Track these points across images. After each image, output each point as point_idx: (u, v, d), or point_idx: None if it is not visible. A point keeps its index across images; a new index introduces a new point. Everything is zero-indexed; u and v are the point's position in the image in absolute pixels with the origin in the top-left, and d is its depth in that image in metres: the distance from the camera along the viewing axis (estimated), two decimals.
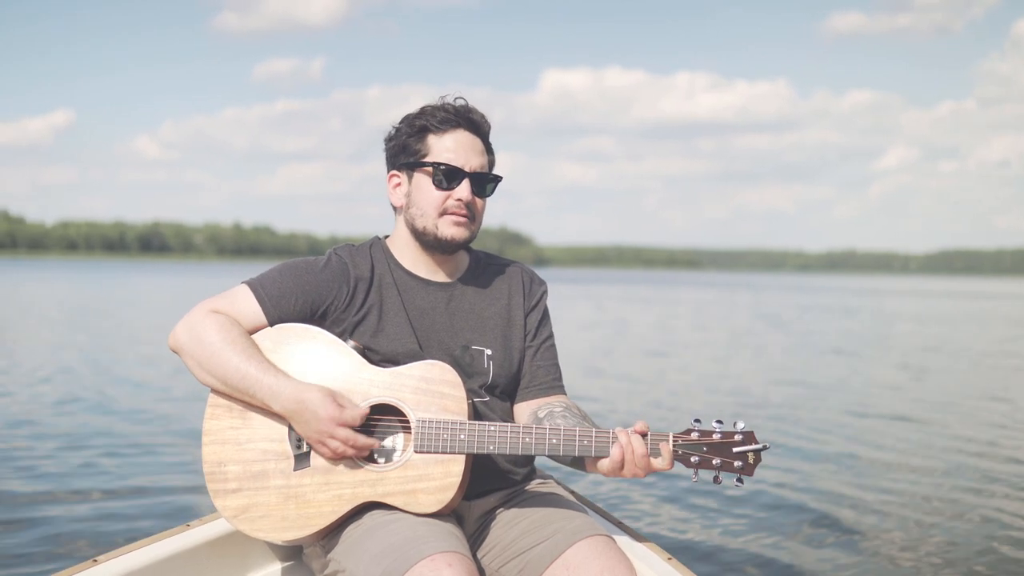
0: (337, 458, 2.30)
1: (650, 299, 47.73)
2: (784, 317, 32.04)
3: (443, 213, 2.43)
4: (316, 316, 2.43)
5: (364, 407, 2.29)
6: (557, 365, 2.62)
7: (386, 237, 2.59)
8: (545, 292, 2.66)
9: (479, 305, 2.55)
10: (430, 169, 2.43)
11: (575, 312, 31.89)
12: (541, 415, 2.47)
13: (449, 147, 2.43)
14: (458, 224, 2.44)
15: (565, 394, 2.60)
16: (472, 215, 2.46)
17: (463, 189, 2.43)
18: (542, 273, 2.70)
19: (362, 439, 2.27)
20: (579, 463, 2.36)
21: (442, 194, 2.42)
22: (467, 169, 2.43)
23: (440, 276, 2.54)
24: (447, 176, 2.42)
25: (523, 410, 2.55)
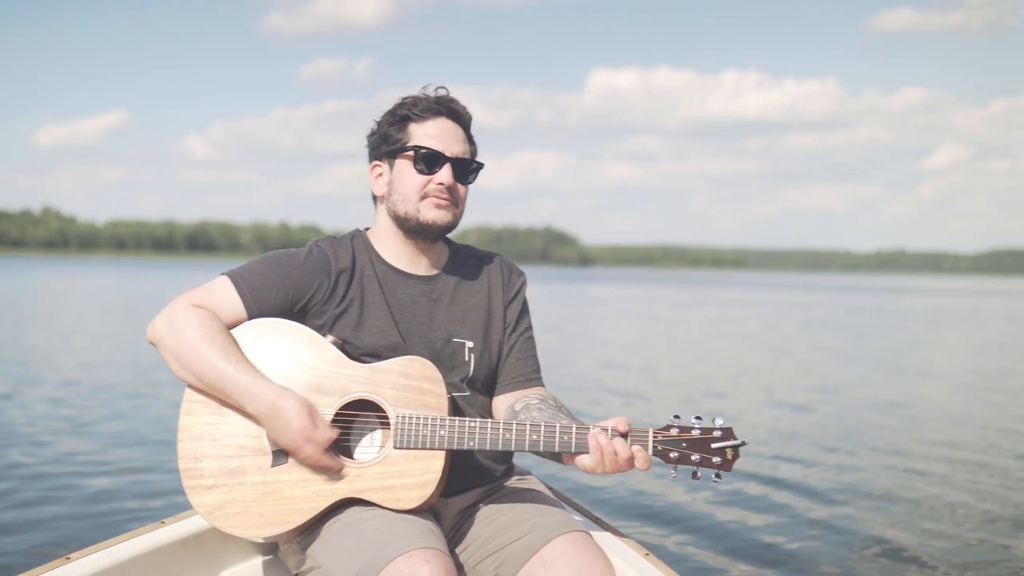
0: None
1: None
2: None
3: (424, 197, 2.42)
4: (296, 309, 2.40)
5: (334, 432, 2.25)
6: (535, 357, 2.60)
7: (367, 229, 2.57)
8: (524, 283, 2.63)
9: (460, 297, 2.53)
10: (411, 154, 2.42)
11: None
12: (518, 408, 2.44)
13: (430, 133, 2.43)
14: (439, 207, 2.42)
15: (543, 386, 2.58)
16: (454, 200, 2.45)
17: (444, 173, 2.42)
18: (588, 273, 2.65)
19: (325, 460, 2.24)
20: (558, 457, 2.32)
21: (423, 178, 2.41)
22: (448, 154, 2.42)
23: (421, 269, 2.52)
24: (428, 160, 2.41)
25: (501, 403, 2.53)
